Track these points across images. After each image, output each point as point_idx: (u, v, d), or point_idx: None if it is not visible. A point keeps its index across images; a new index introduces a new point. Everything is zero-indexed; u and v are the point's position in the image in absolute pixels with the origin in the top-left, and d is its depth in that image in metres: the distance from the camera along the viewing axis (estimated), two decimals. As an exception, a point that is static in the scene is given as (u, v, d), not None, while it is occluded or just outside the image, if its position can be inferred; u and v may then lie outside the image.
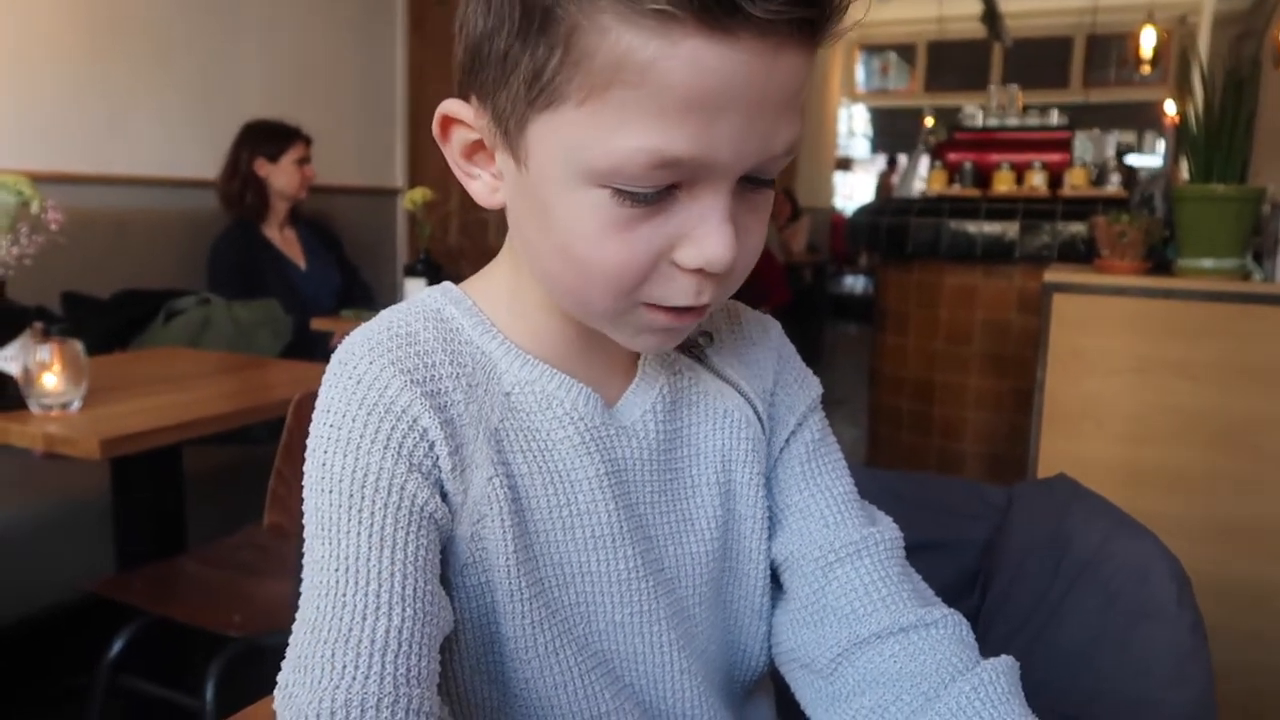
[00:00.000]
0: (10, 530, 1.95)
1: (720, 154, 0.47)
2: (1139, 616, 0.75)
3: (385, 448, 0.52)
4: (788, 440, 0.66)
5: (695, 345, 0.65)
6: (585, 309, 0.54)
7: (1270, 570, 1.82)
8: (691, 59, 0.44)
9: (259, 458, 1.75)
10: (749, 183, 0.51)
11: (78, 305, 2.43)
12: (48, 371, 1.50)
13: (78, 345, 1.54)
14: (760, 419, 0.65)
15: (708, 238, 0.49)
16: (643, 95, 0.45)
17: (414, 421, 0.53)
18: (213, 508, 2.10)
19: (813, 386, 0.69)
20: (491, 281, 0.61)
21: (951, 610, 0.63)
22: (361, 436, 0.52)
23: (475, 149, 0.55)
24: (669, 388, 0.62)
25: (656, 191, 0.48)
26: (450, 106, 0.54)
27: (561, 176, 0.49)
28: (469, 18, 0.51)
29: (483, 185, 0.56)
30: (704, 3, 0.43)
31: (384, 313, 0.58)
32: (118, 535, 1.79)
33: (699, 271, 0.50)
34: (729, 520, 0.64)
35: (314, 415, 0.55)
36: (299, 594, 0.52)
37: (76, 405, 1.53)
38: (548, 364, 0.58)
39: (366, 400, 0.53)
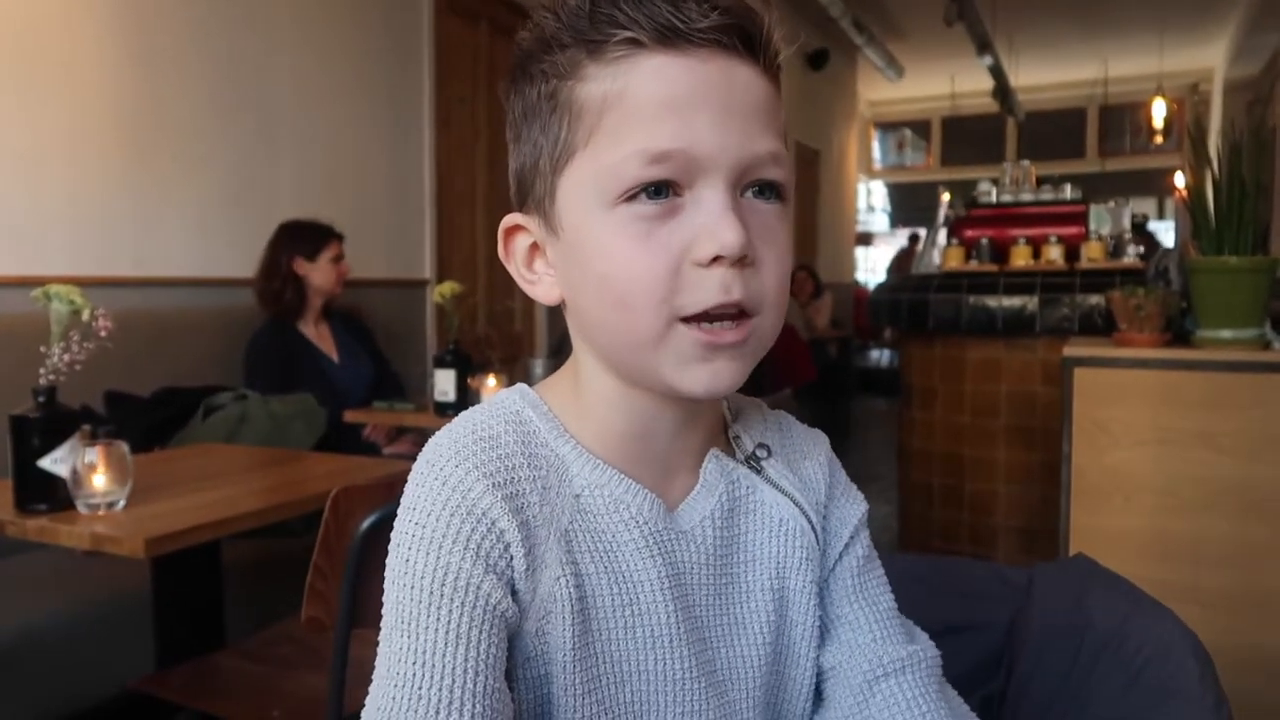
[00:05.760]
0: (54, 628, 1.99)
1: (702, 145, 0.55)
2: (1162, 696, 0.76)
3: (465, 548, 0.56)
4: (841, 554, 0.70)
5: (753, 457, 0.68)
6: (633, 341, 0.57)
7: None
8: (657, 72, 0.55)
9: (294, 550, 1.78)
10: (752, 193, 0.57)
11: (120, 404, 2.50)
12: (95, 473, 1.55)
13: (124, 446, 1.59)
14: (815, 529, 0.68)
15: (715, 226, 0.55)
16: (627, 112, 0.55)
17: (493, 524, 0.57)
18: (249, 600, 2.13)
19: (860, 502, 0.73)
20: (561, 384, 0.65)
21: None
22: (444, 537, 0.56)
23: (533, 253, 0.63)
24: (727, 496, 0.65)
25: (663, 195, 0.55)
26: (509, 218, 0.63)
27: (585, 214, 0.57)
28: (510, 161, 0.62)
29: (542, 287, 0.63)
30: (655, 27, 0.54)
31: (466, 414, 0.62)
32: (158, 631, 1.83)
33: (718, 261, 0.55)
34: (781, 626, 0.67)
35: (399, 511, 0.59)
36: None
37: (121, 504, 1.58)
38: (615, 468, 0.62)
39: (450, 502, 0.57)
